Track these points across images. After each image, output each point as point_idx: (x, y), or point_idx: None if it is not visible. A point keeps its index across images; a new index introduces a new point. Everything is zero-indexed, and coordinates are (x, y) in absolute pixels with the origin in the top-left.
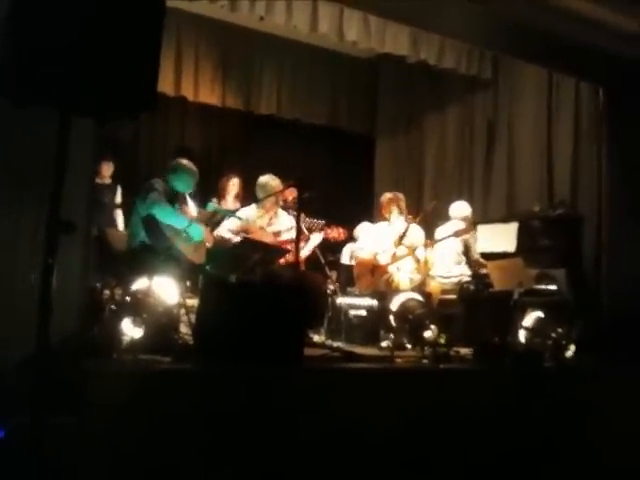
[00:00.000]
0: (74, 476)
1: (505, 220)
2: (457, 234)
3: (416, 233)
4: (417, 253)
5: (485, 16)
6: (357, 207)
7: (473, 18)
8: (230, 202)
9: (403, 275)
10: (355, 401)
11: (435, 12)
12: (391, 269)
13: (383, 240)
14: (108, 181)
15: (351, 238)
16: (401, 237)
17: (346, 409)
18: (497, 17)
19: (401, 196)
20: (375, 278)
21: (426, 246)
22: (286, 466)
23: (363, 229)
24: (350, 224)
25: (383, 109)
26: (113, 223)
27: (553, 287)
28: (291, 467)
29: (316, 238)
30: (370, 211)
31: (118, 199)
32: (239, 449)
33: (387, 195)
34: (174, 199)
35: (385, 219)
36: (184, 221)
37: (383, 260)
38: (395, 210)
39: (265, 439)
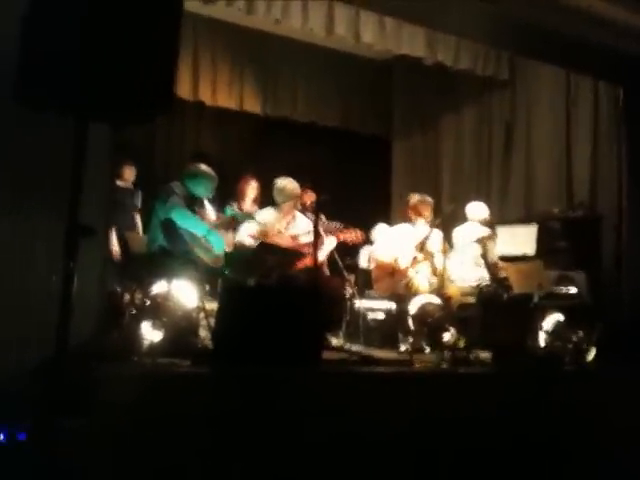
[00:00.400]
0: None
1: (524, 222)
2: (481, 241)
3: (437, 239)
4: (435, 260)
5: (499, 16)
6: (374, 209)
7: (487, 18)
8: (248, 205)
9: (422, 278)
10: (374, 405)
11: (448, 12)
12: (410, 273)
13: (405, 243)
14: (130, 185)
15: (368, 240)
16: (423, 241)
17: (365, 413)
18: (512, 17)
19: (429, 200)
20: (394, 281)
21: (444, 252)
22: (305, 469)
23: (381, 231)
24: (367, 226)
25: (398, 111)
26: (134, 227)
27: (573, 289)
28: (310, 470)
29: (331, 242)
30: (387, 213)
31: (138, 203)
32: (259, 452)
33: (416, 197)
34: (192, 204)
35: (410, 220)
36: (203, 228)
37: (403, 264)
38: (422, 214)
39: (284, 442)
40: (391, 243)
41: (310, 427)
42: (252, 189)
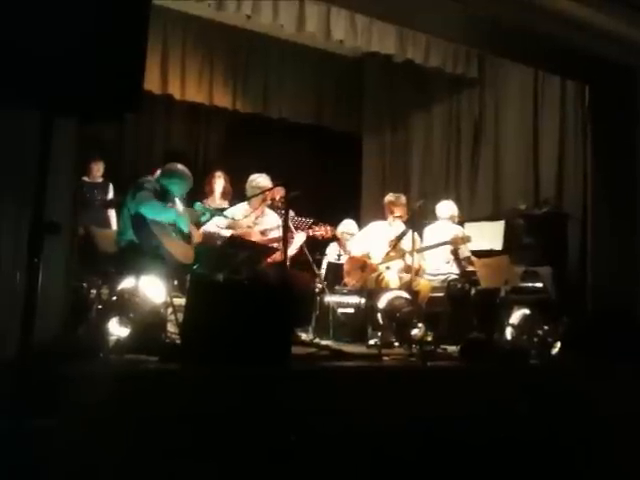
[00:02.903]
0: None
1: (492, 218)
2: (453, 242)
3: (411, 237)
4: (408, 258)
5: (469, 15)
6: (344, 205)
7: (457, 17)
8: (217, 200)
9: (392, 274)
10: (343, 399)
11: (419, 10)
12: (381, 268)
13: (378, 239)
14: (99, 180)
15: (334, 237)
16: (397, 239)
17: (333, 407)
18: (481, 16)
19: (402, 199)
20: (365, 274)
21: (417, 252)
22: (274, 466)
23: (347, 226)
24: (338, 222)
25: (369, 108)
26: (106, 222)
27: (539, 285)
28: (279, 467)
29: (300, 237)
30: (357, 209)
31: (109, 197)
32: (226, 450)
33: (390, 196)
34: (164, 199)
35: (386, 218)
36: (171, 214)
37: (375, 259)
38: (396, 212)
39: (253, 439)
40: (365, 238)
41: (279, 422)
42: (219, 180)
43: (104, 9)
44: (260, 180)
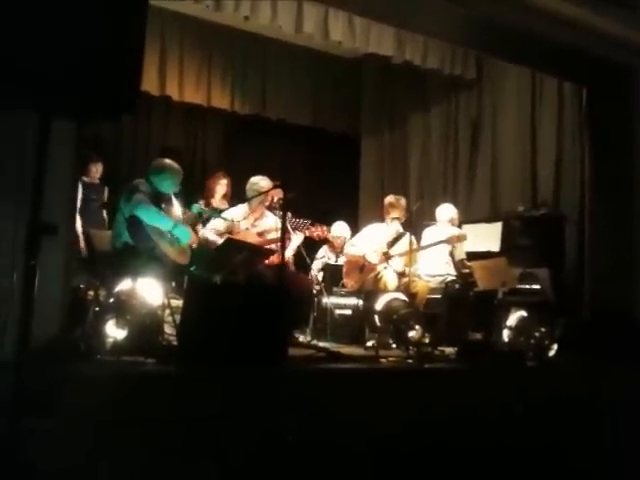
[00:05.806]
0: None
1: (489, 220)
2: (449, 241)
3: (409, 238)
4: (405, 259)
5: (467, 16)
6: (342, 206)
7: (455, 18)
8: (217, 201)
9: (391, 274)
10: (340, 401)
11: (417, 12)
12: (379, 267)
13: (376, 240)
14: (97, 181)
15: (326, 240)
16: (394, 240)
17: (331, 409)
18: (479, 18)
19: (402, 201)
20: (363, 275)
21: (414, 252)
22: (271, 469)
23: (340, 229)
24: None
25: (367, 109)
26: (102, 223)
27: (536, 286)
28: (276, 470)
29: (298, 238)
30: (355, 210)
31: (104, 199)
32: (223, 451)
33: (389, 198)
34: (159, 200)
35: (384, 219)
36: (169, 222)
37: (372, 259)
38: (393, 214)
39: (249, 441)
40: (363, 239)
41: (276, 424)
42: (222, 187)
43: (102, 12)
44: (261, 182)
